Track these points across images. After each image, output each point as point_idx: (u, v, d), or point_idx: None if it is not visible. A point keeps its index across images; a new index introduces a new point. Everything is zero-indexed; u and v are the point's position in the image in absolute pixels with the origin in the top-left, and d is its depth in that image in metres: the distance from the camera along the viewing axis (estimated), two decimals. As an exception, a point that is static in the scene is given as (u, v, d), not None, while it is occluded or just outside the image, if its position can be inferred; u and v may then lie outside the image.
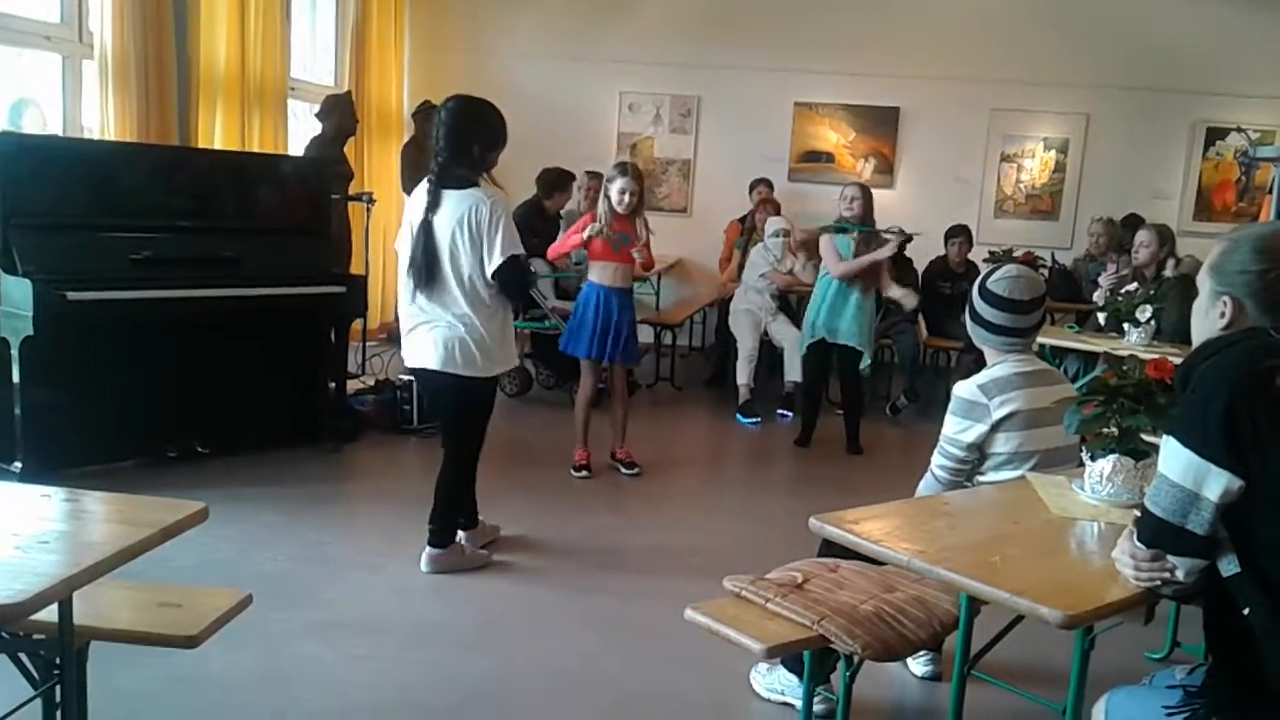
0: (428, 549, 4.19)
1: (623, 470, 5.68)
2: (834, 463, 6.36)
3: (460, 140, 3.95)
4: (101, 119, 5.75)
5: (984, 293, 3.23)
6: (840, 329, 6.22)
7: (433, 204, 3.93)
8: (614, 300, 5.44)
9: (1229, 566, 1.97)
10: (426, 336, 4.02)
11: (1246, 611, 1.94)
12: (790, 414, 6.72)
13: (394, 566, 4.23)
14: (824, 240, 6.32)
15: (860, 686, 2.74)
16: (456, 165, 3.96)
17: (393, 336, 8.23)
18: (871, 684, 3.23)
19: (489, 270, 3.93)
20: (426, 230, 3.93)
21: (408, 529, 4.45)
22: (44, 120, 5.59)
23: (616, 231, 5.37)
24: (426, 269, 3.94)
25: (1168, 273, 6.06)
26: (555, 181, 7.39)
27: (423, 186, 4.00)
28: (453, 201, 3.93)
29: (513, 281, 4.03)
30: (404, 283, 4.04)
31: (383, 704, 3.18)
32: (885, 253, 6.17)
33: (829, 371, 6.61)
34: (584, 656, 3.59)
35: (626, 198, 5.35)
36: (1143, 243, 6.17)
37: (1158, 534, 2.02)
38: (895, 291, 6.44)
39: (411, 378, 6.23)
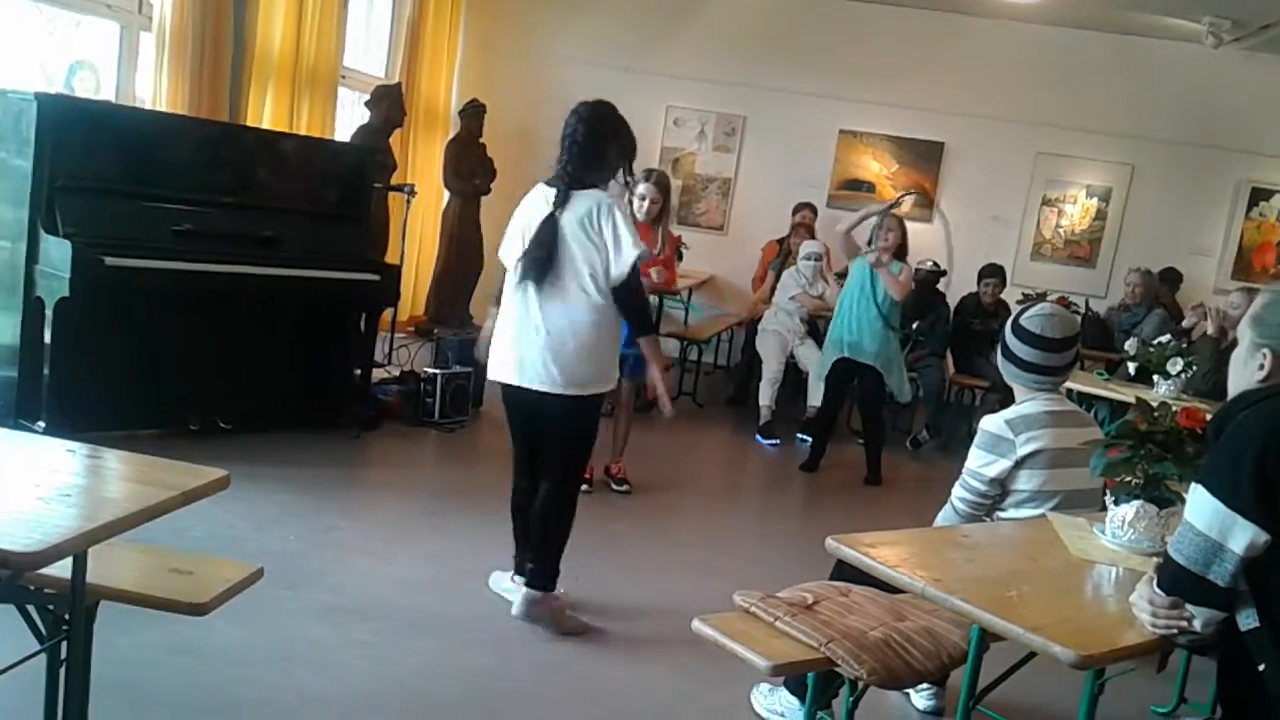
0: (526, 590, 3.81)
1: (613, 486, 5.53)
2: (850, 491, 6.33)
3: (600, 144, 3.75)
4: (154, 90, 5.80)
5: (1017, 329, 3.21)
6: (864, 347, 6.21)
7: (561, 202, 3.66)
8: None
9: (1248, 620, 1.95)
10: (533, 350, 3.68)
11: (1262, 668, 1.91)
12: (810, 439, 6.70)
13: (403, 556, 4.23)
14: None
15: (861, 716, 2.72)
16: (588, 169, 3.74)
17: (420, 330, 8.28)
18: (872, 714, 3.20)
19: (614, 273, 3.65)
20: (551, 225, 3.64)
21: (419, 521, 4.46)
22: (97, 83, 5.64)
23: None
24: (547, 261, 3.63)
25: None
26: None
27: (541, 191, 3.76)
28: (580, 201, 3.68)
29: (629, 289, 3.70)
30: (511, 282, 3.74)
31: (381, 691, 3.18)
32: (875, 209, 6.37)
33: (846, 398, 6.58)
34: (583, 663, 3.58)
35: (647, 204, 5.24)
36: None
37: (1178, 581, 1.99)
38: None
39: (436, 371, 6.27)
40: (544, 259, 3.63)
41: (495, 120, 8.40)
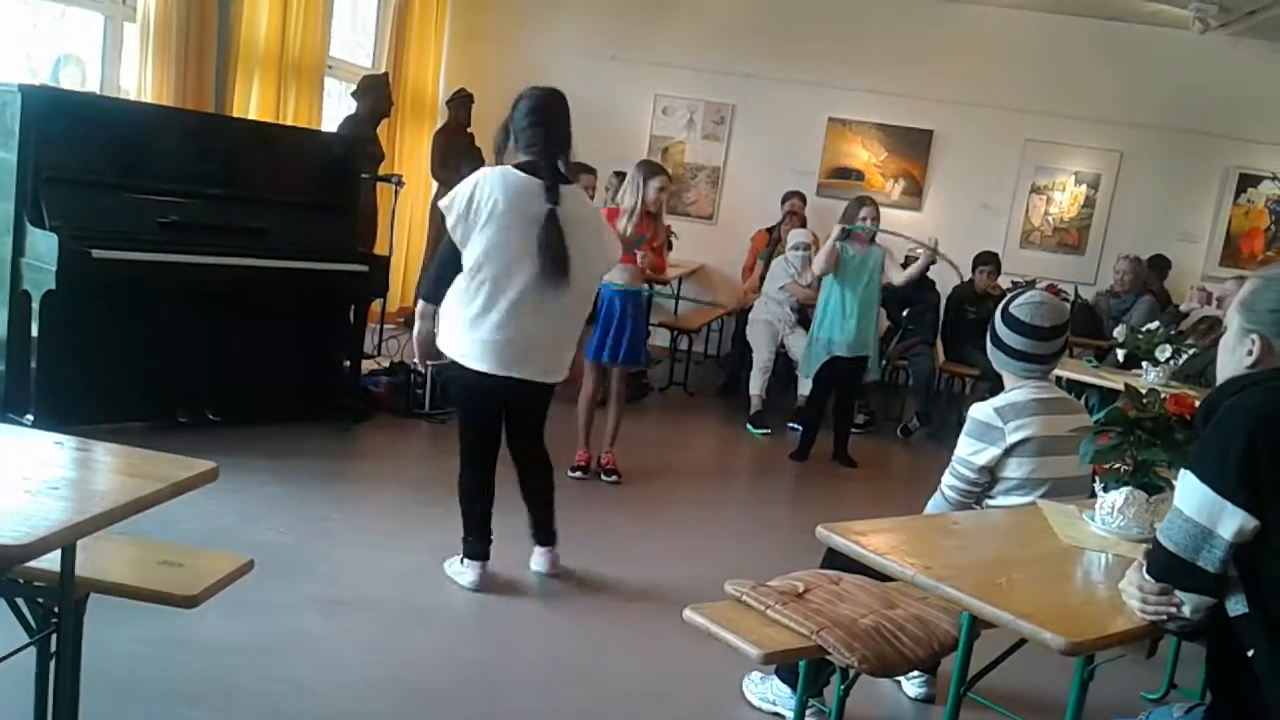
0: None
1: (602, 476, 5.53)
2: (839, 479, 6.34)
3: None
4: (139, 81, 5.78)
5: (1006, 317, 3.21)
6: (866, 340, 6.28)
7: (555, 199, 3.72)
8: (620, 301, 5.37)
9: (1237, 606, 1.96)
10: (553, 346, 3.84)
11: (1251, 653, 1.92)
12: (801, 428, 6.71)
13: (394, 547, 4.23)
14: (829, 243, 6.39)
15: (852, 704, 2.72)
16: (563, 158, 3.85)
17: (410, 322, 8.26)
18: (864, 701, 3.22)
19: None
20: (553, 221, 3.69)
21: (410, 511, 4.46)
22: (83, 77, 5.61)
23: (638, 232, 5.35)
24: (562, 263, 3.70)
25: None
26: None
27: (524, 178, 3.72)
28: (572, 197, 3.82)
29: None
30: (529, 285, 3.67)
31: (374, 681, 3.18)
32: (916, 270, 6.39)
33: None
34: (576, 652, 3.59)
35: (665, 196, 5.39)
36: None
37: (1167, 568, 2.00)
38: (903, 275, 6.44)
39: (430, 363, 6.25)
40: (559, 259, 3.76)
41: (483, 109, 8.37)
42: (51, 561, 2.00)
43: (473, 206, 3.65)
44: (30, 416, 4.67)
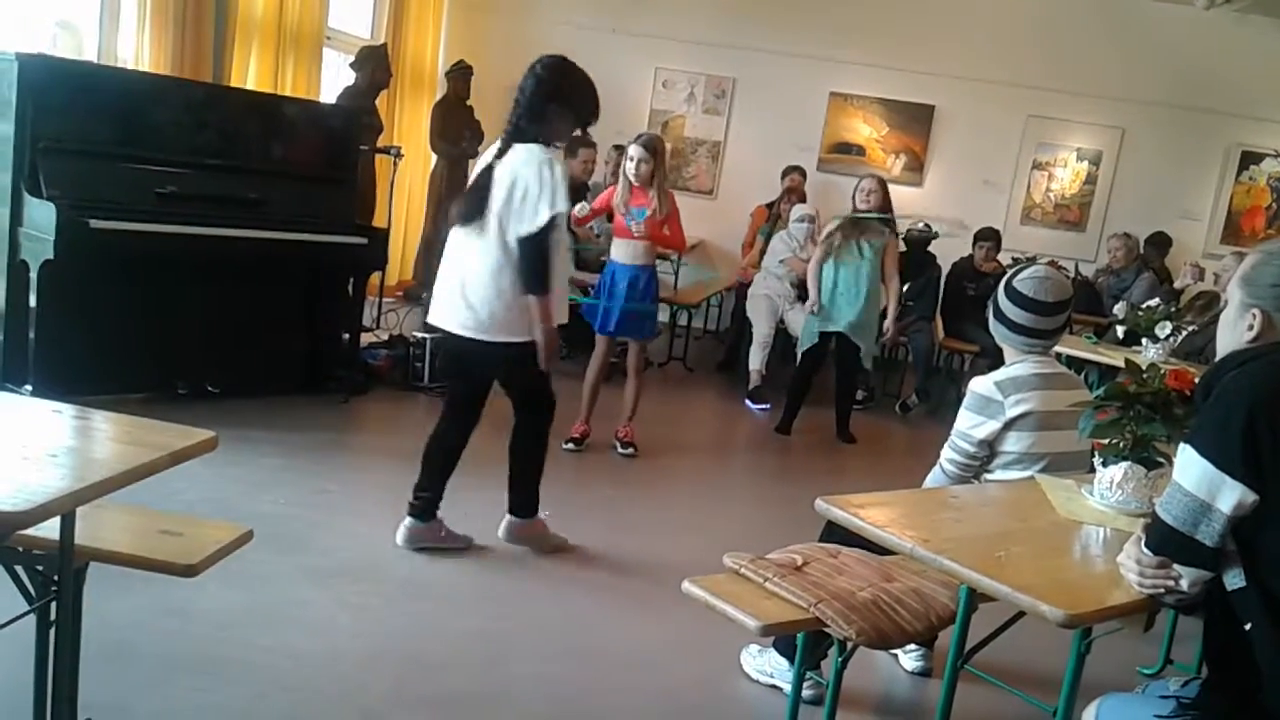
0: (509, 518, 4.12)
1: (619, 449, 5.58)
2: (837, 453, 6.35)
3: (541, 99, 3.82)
4: (137, 50, 5.74)
5: (1009, 290, 3.20)
6: (854, 320, 6.23)
7: (500, 153, 3.81)
8: (629, 277, 5.37)
9: (1234, 580, 1.96)
10: (444, 291, 3.89)
11: (1248, 627, 1.92)
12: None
13: (393, 519, 4.20)
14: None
15: (850, 677, 2.73)
16: (529, 123, 3.82)
17: (409, 294, 8.25)
18: (861, 675, 3.23)
19: (519, 227, 3.72)
20: (486, 173, 3.79)
21: (409, 483, 4.43)
22: (80, 46, 5.58)
23: (632, 206, 5.33)
24: (474, 206, 3.78)
25: None
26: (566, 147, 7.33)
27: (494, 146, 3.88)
28: (515, 153, 3.80)
29: (529, 244, 3.73)
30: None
31: (371, 652, 3.19)
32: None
33: (823, 363, 6.57)
34: (574, 625, 3.60)
35: (635, 165, 5.28)
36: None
37: (1166, 541, 2.00)
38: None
39: (426, 335, 6.24)
40: (471, 204, 3.81)
41: (482, 81, 8.33)
42: (51, 530, 2.00)
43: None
44: (29, 387, 4.66)
